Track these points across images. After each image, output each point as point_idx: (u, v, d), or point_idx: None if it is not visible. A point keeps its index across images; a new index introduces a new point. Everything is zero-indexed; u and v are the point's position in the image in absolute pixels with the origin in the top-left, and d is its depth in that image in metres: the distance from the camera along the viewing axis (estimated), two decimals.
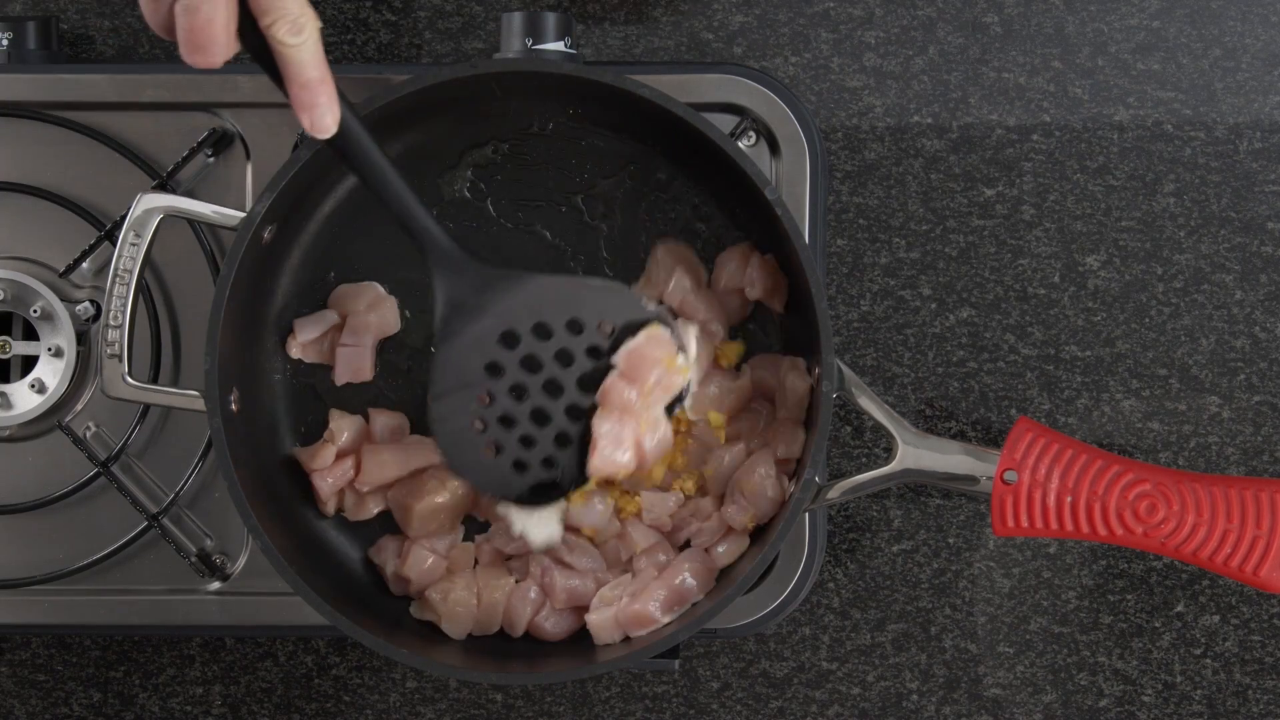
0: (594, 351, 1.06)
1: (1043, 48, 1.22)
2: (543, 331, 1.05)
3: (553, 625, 1.11)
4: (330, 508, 1.13)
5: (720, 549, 1.09)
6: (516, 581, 1.11)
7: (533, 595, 1.10)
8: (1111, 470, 1.07)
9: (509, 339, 1.05)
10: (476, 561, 1.12)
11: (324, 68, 0.96)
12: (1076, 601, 1.22)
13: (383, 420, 1.13)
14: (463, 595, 1.10)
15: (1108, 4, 1.22)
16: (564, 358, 1.06)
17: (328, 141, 0.98)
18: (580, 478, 1.07)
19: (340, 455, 1.12)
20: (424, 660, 1.05)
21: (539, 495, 1.08)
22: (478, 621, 1.11)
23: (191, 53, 0.92)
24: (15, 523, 1.18)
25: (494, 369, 1.05)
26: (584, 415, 1.06)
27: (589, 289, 1.07)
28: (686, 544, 1.11)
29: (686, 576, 1.08)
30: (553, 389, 1.06)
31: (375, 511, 1.12)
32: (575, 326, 1.06)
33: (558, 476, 1.07)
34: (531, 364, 1.05)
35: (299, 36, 0.94)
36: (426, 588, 1.11)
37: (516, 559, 1.12)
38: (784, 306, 1.12)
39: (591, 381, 1.06)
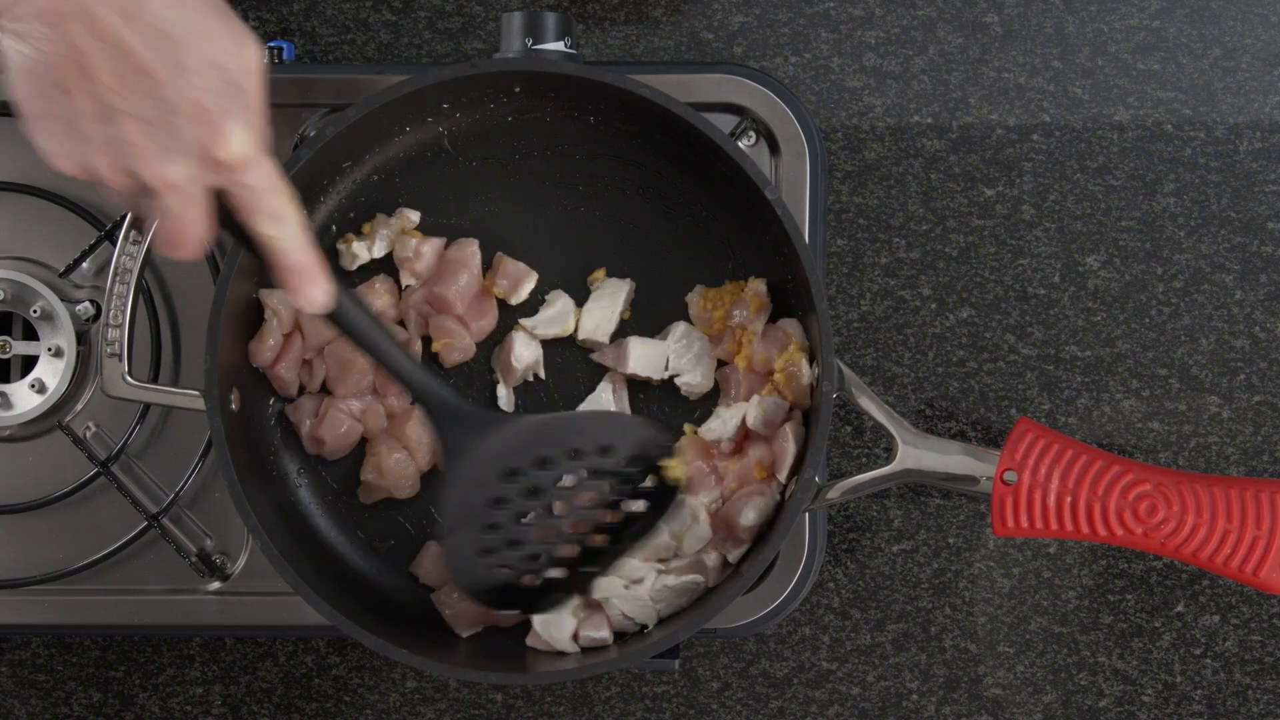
0: (595, 474, 1.08)
1: (1043, 48, 1.22)
2: (543, 464, 1.07)
3: None
4: (294, 390, 1.13)
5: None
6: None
7: None
8: (1111, 470, 1.07)
9: (510, 474, 1.07)
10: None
11: (309, 252, 0.96)
12: (1076, 601, 1.22)
13: None
14: (395, 458, 1.12)
15: (1108, 4, 1.22)
16: (561, 481, 1.08)
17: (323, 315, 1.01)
18: (581, 588, 1.10)
19: (285, 337, 1.13)
20: (424, 660, 1.05)
21: (545, 603, 1.10)
22: (421, 471, 1.14)
23: (167, 250, 0.92)
24: (15, 523, 1.18)
25: (499, 501, 1.07)
26: (587, 530, 1.09)
27: (582, 420, 1.09)
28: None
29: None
30: (553, 508, 1.08)
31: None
32: (574, 454, 1.07)
33: (562, 587, 1.09)
34: (535, 493, 1.08)
35: (281, 228, 0.94)
36: (340, 452, 1.13)
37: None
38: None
39: (593, 501, 1.09)
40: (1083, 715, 1.22)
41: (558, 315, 1.14)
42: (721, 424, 1.12)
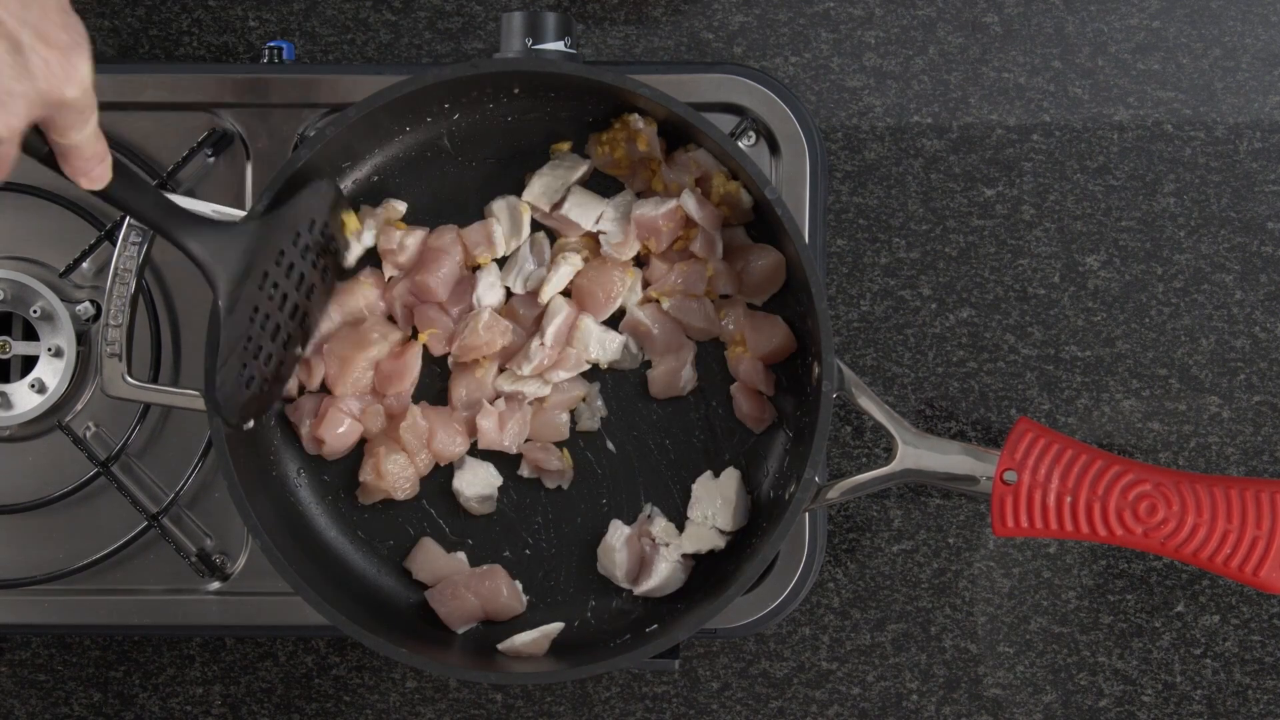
0: (308, 251, 1.09)
1: (1043, 48, 1.22)
2: (280, 259, 1.07)
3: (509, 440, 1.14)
4: (294, 389, 1.13)
5: None
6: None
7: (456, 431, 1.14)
8: (1111, 470, 1.07)
9: (261, 281, 1.06)
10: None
11: (102, 139, 0.95)
12: (1076, 601, 1.22)
13: None
14: (393, 459, 1.12)
15: (1108, 4, 1.22)
16: (289, 271, 1.08)
17: (99, 192, 0.99)
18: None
19: None
20: (424, 660, 1.05)
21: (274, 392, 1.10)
22: (420, 474, 1.14)
23: None
24: (15, 523, 1.18)
25: (253, 315, 1.06)
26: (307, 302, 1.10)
27: (294, 202, 1.08)
28: None
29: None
30: (284, 302, 1.09)
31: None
32: (296, 238, 1.07)
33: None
34: (275, 293, 1.07)
35: (86, 128, 0.92)
36: (339, 452, 1.13)
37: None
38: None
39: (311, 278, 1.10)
40: (1083, 715, 1.22)
41: (510, 222, 1.13)
42: (654, 204, 1.12)
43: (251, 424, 1.08)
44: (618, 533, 1.12)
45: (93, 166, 0.96)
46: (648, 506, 1.13)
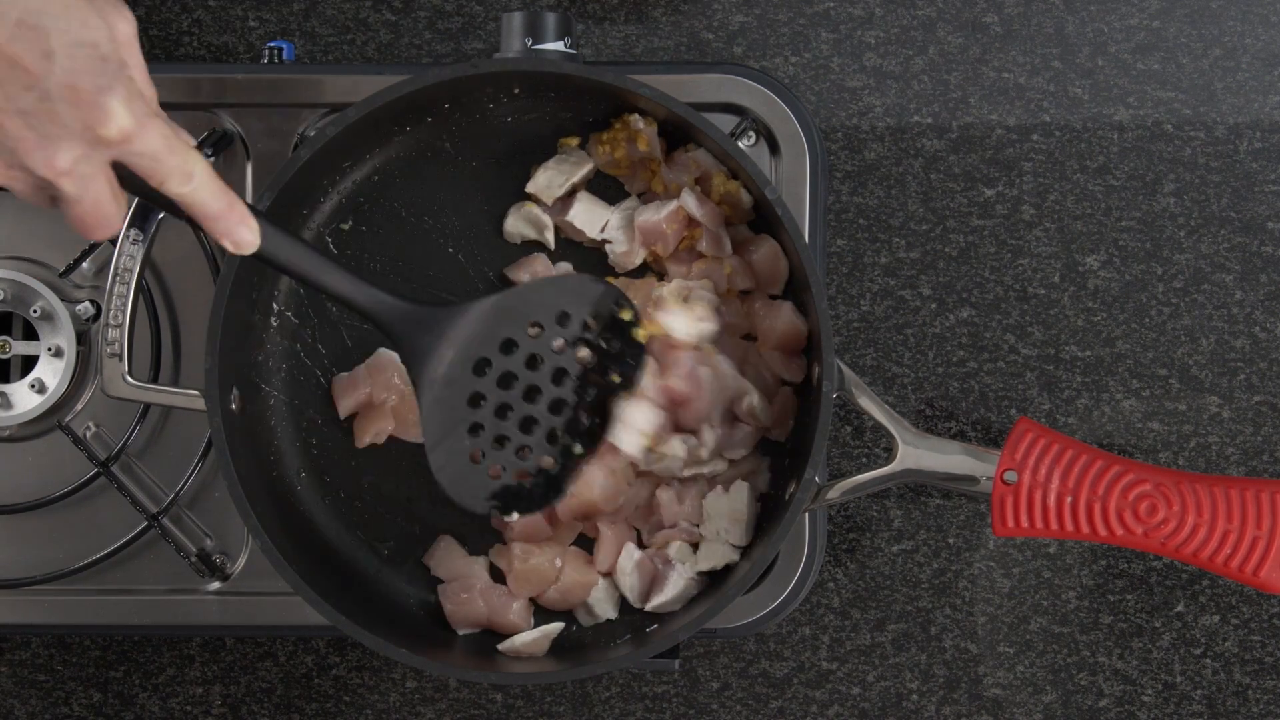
0: (560, 346, 1.06)
1: (1043, 48, 1.22)
2: (508, 346, 1.05)
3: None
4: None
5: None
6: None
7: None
8: (1111, 470, 1.07)
9: (480, 367, 1.05)
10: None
11: (226, 196, 0.95)
12: (1076, 601, 1.22)
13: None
14: (542, 563, 1.11)
15: (1108, 4, 1.22)
16: (533, 362, 1.06)
17: (254, 255, 0.99)
18: (573, 475, 1.07)
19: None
20: (424, 660, 1.05)
21: (542, 499, 1.07)
22: (546, 596, 1.13)
23: (85, 233, 0.92)
24: (15, 523, 1.18)
25: (475, 399, 1.05)
26: (568, 408, 1.06)
27: (533, 289, 1.07)
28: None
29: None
30: (532, 393, 1.06)
31: None
32: (536, 329, 1.06)
33: (556, 480, 1.07)
34: (507, 380, 1.05)
35: (190, 183, 0.93)
36: (526, 550, 1.12)
37: None
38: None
39: (564, 374, 1.06)
40: (1083, 715, 1.22)
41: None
42: (655, 208, 1.11)
43: (515, 516, 1.06)
44: (629, 555, 1.12)
45: (230, 228, 0.96)
46: None
